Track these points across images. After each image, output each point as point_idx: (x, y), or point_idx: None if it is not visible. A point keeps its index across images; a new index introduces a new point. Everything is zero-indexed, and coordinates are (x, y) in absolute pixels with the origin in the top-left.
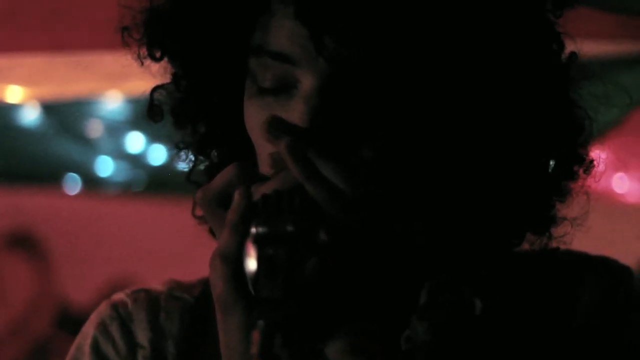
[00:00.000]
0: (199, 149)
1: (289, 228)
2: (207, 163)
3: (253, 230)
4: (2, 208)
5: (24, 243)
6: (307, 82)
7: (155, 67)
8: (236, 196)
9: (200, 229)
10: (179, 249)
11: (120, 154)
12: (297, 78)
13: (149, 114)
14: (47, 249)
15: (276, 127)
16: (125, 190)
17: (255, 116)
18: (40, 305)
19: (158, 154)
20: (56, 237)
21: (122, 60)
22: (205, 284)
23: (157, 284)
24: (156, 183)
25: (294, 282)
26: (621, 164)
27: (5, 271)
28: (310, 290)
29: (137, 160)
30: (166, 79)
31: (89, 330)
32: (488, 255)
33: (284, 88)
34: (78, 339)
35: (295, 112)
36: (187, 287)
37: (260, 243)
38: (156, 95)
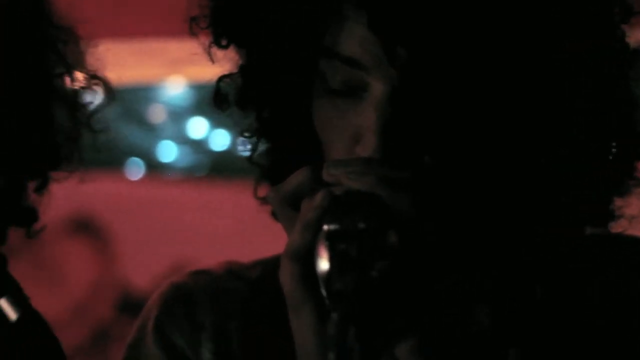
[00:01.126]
0: (262, 134)
1: (361, 225)
2: (269, 147)
3: (325, 227)
4: (65, 193)
5: (87, 228)
6: (377, 88)
7: (219, 53)
8: (319, 195)
9: (261, 212)
10: (239, 233)
11: (183, 139)
12: (366, 82)
13: (214, 102)
14: (110, 234)
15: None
16: (187, 175)
17: (325, 116)
18: (103, 289)
19: (220, 139)
20: (118, 222)
21: (186, 47)
22: (264, 264)
23: (215, 265)
24: (218, 168)
25: (366, 276)
26: None
27: (67, 256)
28: (380, 287)
29: (199, 145)
30: (229, 64)
31: (151, 311)
32: (548, 244)
33: (353, 90)
34: (140, 320)
35: (365, 118)
36: (247, 268)
37: (333, 239)
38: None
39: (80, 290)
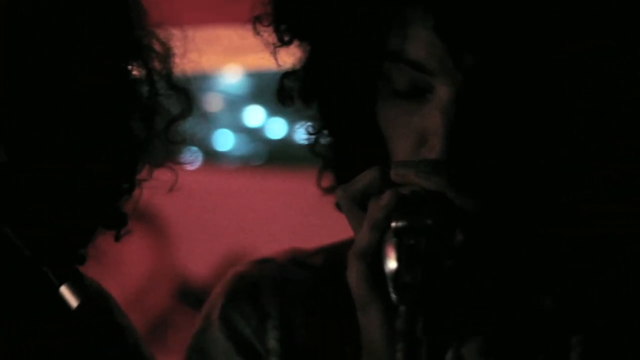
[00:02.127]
0: (325, 127)
1: (428, 222)
2: (332, 140)
3: (393, 224)
4: None
5: (144, 217)
6: (442, 91)
7: (272, 39)
8: (386, 195)
9: (318, 200)
10: (295, 221)
11: (240, 128)
12: (432, 85)
13: (279, 98)
14: (167, 223)
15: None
16: (244, 163)
17: (390, 116)
18: (159, 279)
19: (277, 128)
20: (175, 211)
21: (243, 35)
22: (327, 251)
23: (278, 253)
24: (275, 156)
25: (434, 270)
26: None
27: (124, 245)
28: (447, 281)
29: (256, 134)
30: (287, 53)
31: (217, 300)
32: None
33: (418, 92)
34: (205, 309)
35: (431, 120)
36: (310, 256)
37: (401, 235)
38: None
39: (137, 280)
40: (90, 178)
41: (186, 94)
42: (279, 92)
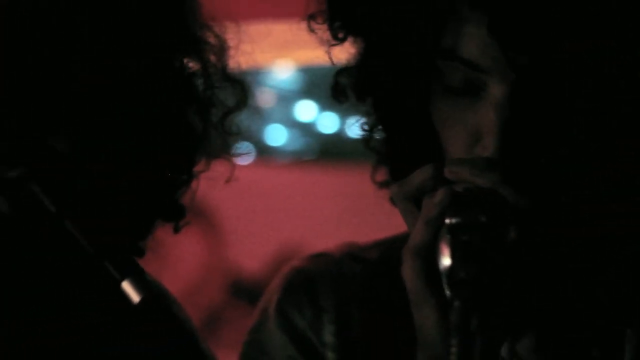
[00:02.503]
0: (377, 121)
1: (482, 219)
2: (386, 136)
3: (447, 221)
4: None
5: (197, 212)
6: (496, 89)
7: (324, 35)
8: (440, 192)
9: (372, 195)
10: (348, 216)
11: (292, 123)
12: (485, 83)
13: (333, 94)
14: (220, 218)
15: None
16: (296, 158)
17: (443, 113)
18: (213, 273)
19: (329, 122)
20: (228, 206)
21: (294, 30)
22: (382, 245)
23: (334, 248)
24: (327, 151)
25: (488, 265)
26: None
27: (178, 241)
28: (502, 278)
29: (308, 129)
30: (337, 50)
31: (273, 294)
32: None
33: (472, 90)
34: (262, 303)
35: (485, 118)
36: (365, 249)
37: (455, 231)
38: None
39: (191, 274)
40: (149, 171)
41: (242, 85)
42: (333, 89)
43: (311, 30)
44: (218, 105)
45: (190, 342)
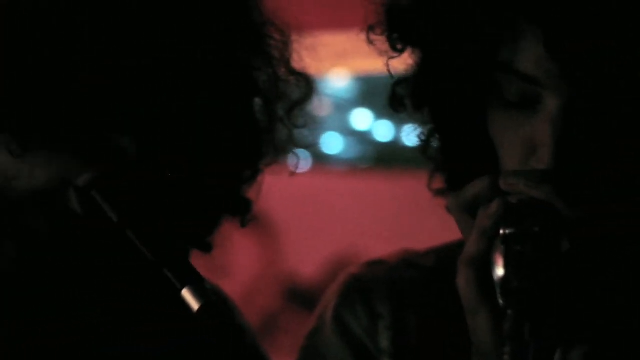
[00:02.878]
0: (434, 130)
1: (536, 229)
2: (443, 145)
3: (501, 232)
4: None
5: (254, 219)
6: (551, 103)
7: (382, 46)
8: (495, 204)
9: (428, 202)
10: (405, 223)
11: (348, 131)
12: (541, 96)
13: (391, 104)
14: (276, 225)
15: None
16: (352, 166)
17: (500, 125)
18: (269, 279)
19: (384, 130)
20: (285, 213)
21: (351, 39)
22: (438, 252)
23: (390, 255)
24: (383, 159)
25: (541, 276)
26: None
27: (235, 247)
28: (554, 288)
29: (364, 137)
30: (393, 57)
31: (330, 300)
32: None
33: (527, 103)
34: (319, 309)
35: (540, 132)
36: (421, 256)
37: (509, 242)
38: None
39: (248, 281)
40: (216, 165)
41: (306, 79)
42: (391, 99)
43: (370, 42)
44: (284, 99)
45: (251, 349)
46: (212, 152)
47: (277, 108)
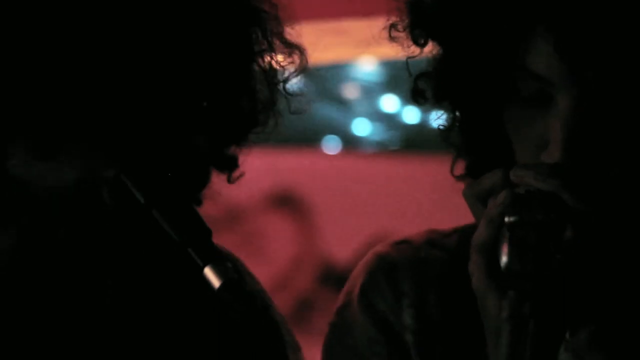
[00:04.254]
0: (454, 120)
1: (538, 217)
2: (459, 131)
3: (506, 219)
4: (267, 169)
5: (288, 202)
6: (563, 102)
7: (407, 41)
8: (502, 194)
9: (453, 184)
10: (434, 204)
11: (376, 115)
12: (553, 94)
13: (413, 97)
14: (309, 208)
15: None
16: (381, 149)
17: (515, 121)
18: (304, 262)
19: (412, 114)
20: (317, 196)
21: (376, 26)
22: (461, 232)
23: (415, 234)
24: (411, 141)
25: (542, 260)
26: None
27: (270, 229)
28: (556, 273)
29: (392, 120)
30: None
31: (357, 278)
32: None
33: (541, 101)
34: (347, 286)
35: (551, 128)
36: (445, 235)
37: (512, 228)
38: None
39: (282, 263)
40: (210, 126)
41: (299, 49)
42: (413, 91)
43: (392, 38)
44: (279, 70)
45: (273, 325)
46: (206, 113)
47: (273, 78)
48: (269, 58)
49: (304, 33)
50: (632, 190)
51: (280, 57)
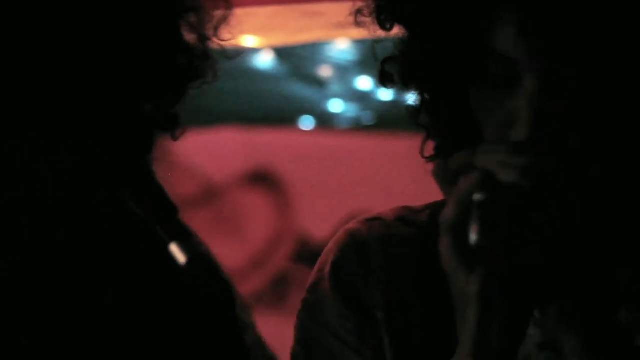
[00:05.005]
0: (422, 103)
1: (507, 195)
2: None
3: (475, 198)
4: (242, 147)
5: (264, 180)
6: (529, 82)
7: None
8: (471, 175)
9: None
10: (410, 181)
11: (351, 94)
12: (519, 75)
13: (381, 81)
14: (285, 185)
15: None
16: (355, 126)
17: (482, 101)
18: (280, 240)
19: (386, 92)
20: (293, 173)
21: (348, 9)
22: (432, 207)
23: (387, 211)
24: (385, 119)
25: (509, 237)
26: None
27: (246, 207)
28: (523, 250)
29: (366, 99)
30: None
31: (328, 256)
32: None
33: (507, 80)
34: (318, 264)
35: (518, 107)
36: (417, 212)
37: (480, 207)
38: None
39: (258, 241)
40: (145, 84)
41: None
42: (380, 76)
43: (358, 24)
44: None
45: (232, 302)
46: (140, 71)
47: (203, 29)
48: (195, 12)
49: (279, 15)
50: (598, 170)
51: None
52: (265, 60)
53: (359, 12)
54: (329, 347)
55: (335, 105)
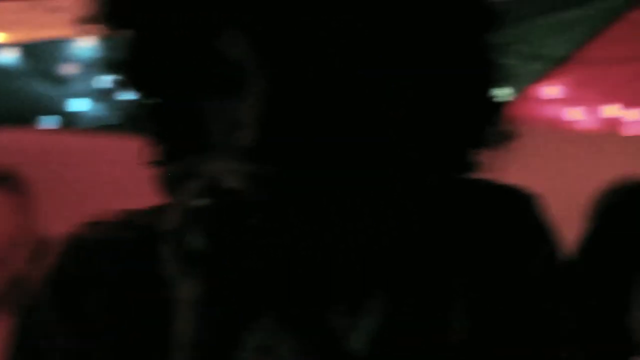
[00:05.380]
0: (146, 108)
1: (228, 201)
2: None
3: (197, 203)
4: None
5: (3, 180)
6: (254, 87)
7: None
8: (195, 181)
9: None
10: (151, 183)
11: (94, 92)
12: (246, 80)
13: (115, 85)
14: (26, 186)
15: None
16: (99, 126)
17: (210, 107)
18: (20, 240)
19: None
20: (34, 174)
21: (89, 6)
22: (157, 211)
23: (112, 214)
24: (129, 118)
25: (232, 241)
26: (573, 95)
27: None
28: (236, 258)
29: (109, 97)
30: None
31: (51, 260)
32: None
33: (234, 86)
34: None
35: (243, 112)
36: (141, 215)
37: (204, 213)
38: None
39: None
40: None
41: None
42: (114, 80)
43: (88, 33)
44: None
45: None
46: None
47: None
48: None
49: (23, 11)
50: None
51: None
52: (7, 57)
53: (84, 21)
54: (41, 352)
55: (79, 104)
